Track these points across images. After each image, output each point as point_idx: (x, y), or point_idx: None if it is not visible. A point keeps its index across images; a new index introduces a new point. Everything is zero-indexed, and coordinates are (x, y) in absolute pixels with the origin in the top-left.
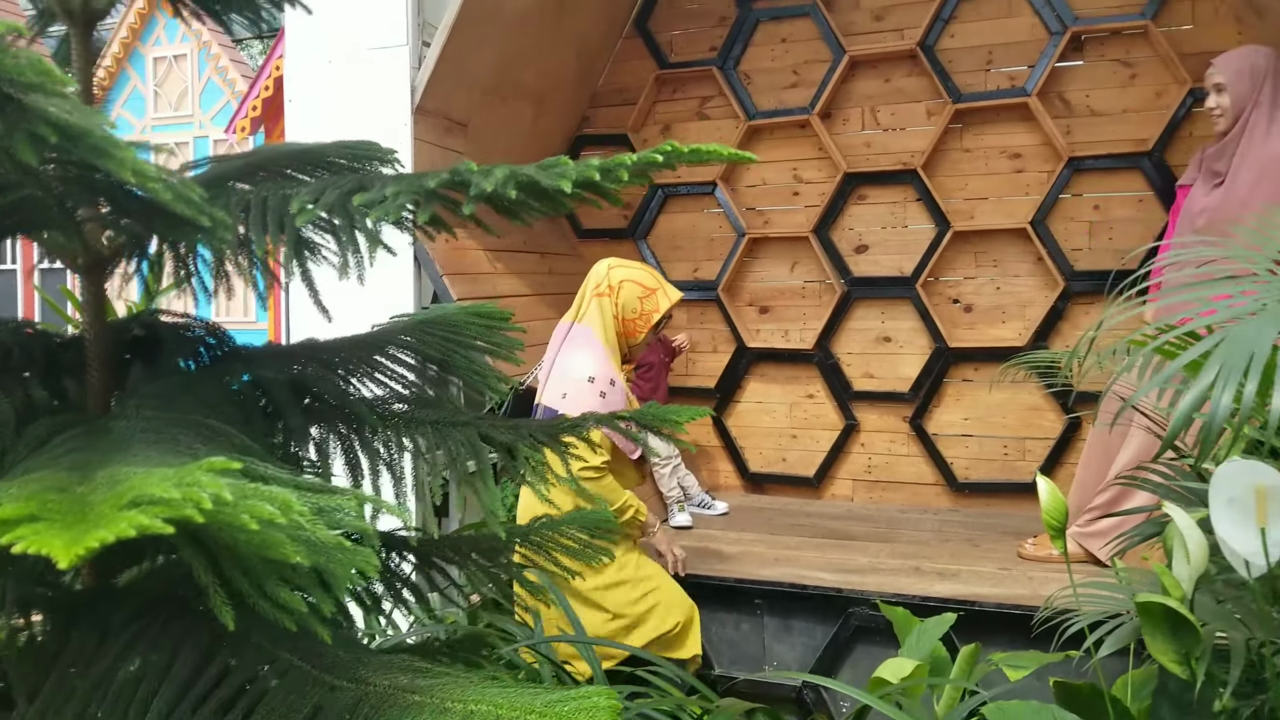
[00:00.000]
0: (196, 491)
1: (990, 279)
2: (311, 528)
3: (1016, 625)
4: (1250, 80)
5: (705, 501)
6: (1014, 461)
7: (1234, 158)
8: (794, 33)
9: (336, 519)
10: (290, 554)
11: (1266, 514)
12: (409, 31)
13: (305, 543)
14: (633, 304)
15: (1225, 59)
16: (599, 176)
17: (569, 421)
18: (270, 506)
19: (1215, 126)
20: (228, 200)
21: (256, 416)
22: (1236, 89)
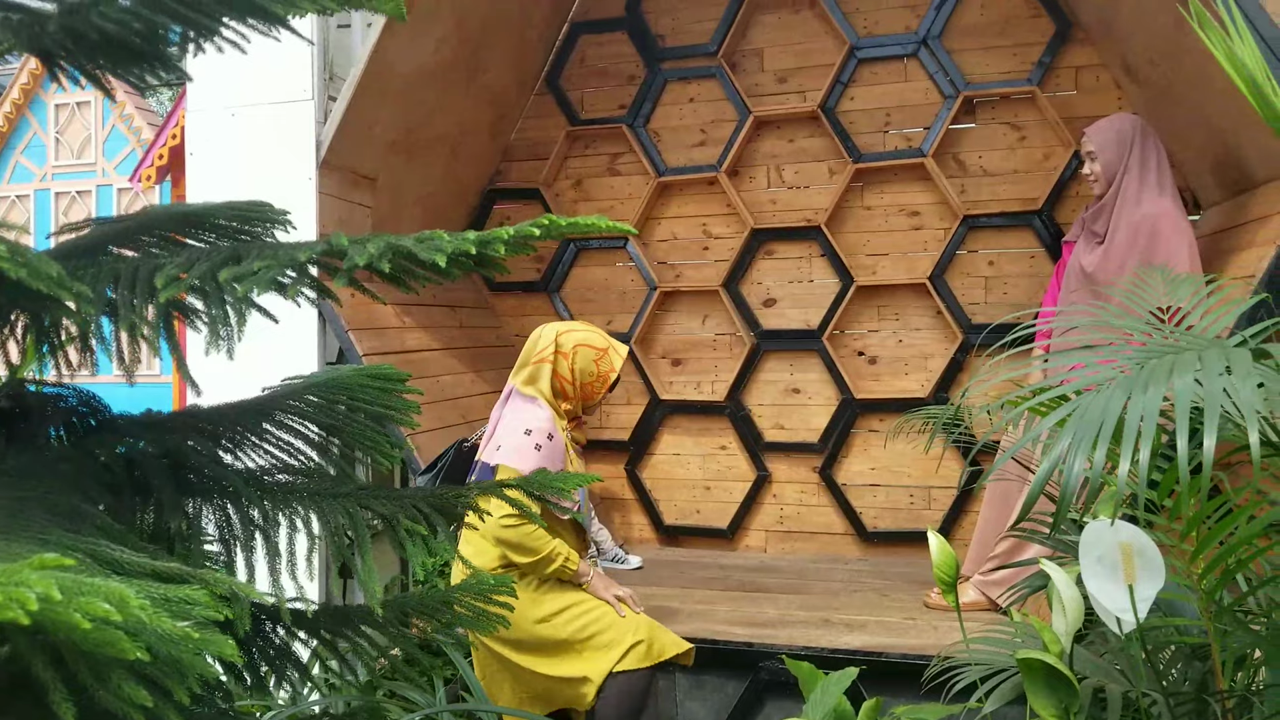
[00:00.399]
0: (23, 592)
1: (893, 332)
2: (153, 621)
3: (921, 676)
4: (1118, 147)
5: (619, 556)
6: (920, 510)
7: (1110, 219)
8: (701, 93)
9: (183, 609)
10: (128, 651)
11: (1134, 572)
12: (314, 86)
13: (150, 635)
14: (589, 367)
15: (1095, 128)
16: (474, 249)
17: (454, 491)
18: (104, 603)
19: (1092, 190)
20: (98, 270)
21: (127, 491)
22: (1107, 156)
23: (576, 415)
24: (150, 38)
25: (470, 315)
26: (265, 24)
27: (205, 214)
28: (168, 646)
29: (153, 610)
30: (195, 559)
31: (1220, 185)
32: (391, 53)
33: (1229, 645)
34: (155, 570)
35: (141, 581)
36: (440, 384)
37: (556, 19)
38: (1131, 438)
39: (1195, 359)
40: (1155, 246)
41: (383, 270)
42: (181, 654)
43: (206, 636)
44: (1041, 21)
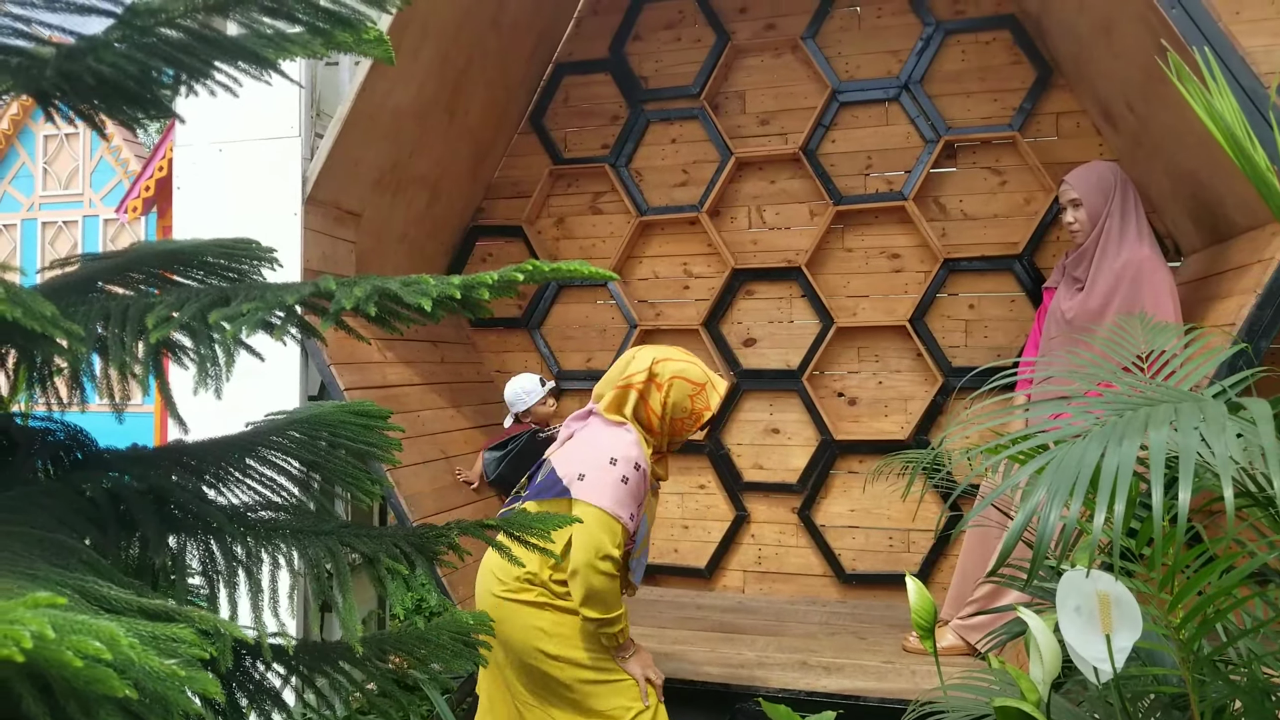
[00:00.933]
0: (18, 630)
1: (873, 373)
2: (141, 659)
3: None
4: (1102, 194)
5: None
6: (899, 553)
7: (1091, 265)
8: (683, 134)
9: (170, 647)
10: (117, 688)
11: (1110, 621)
12: (301, 123)
13: (138, 672)
14: (683, 403)
15: (1077, 176)
16: (459, 294)
17: (436, 530)
18: (96, 641)
19: (1074, 239)
20: (89, 309)
21: (112, 526)
22: (1092, 203)
23: (660, 450)
24: (144, 80)
25: (451, 350)
26: (257, 68)
27: (193, 251)
28: (154, 683)
29: (142, 649)
30: (179, 595)
31: (1200, 232)
32: (379, 91)
33: (1207, 695)
34: (142, 607)
35: (130, 619)
36: (421, 419)
37: (540, 60)
38: (1107, 489)
39: (1171, 411)
40: (1138, 292)
41: (369, 313)
42: (167, 690)
43: (192, 674)
44: (1022, 68)
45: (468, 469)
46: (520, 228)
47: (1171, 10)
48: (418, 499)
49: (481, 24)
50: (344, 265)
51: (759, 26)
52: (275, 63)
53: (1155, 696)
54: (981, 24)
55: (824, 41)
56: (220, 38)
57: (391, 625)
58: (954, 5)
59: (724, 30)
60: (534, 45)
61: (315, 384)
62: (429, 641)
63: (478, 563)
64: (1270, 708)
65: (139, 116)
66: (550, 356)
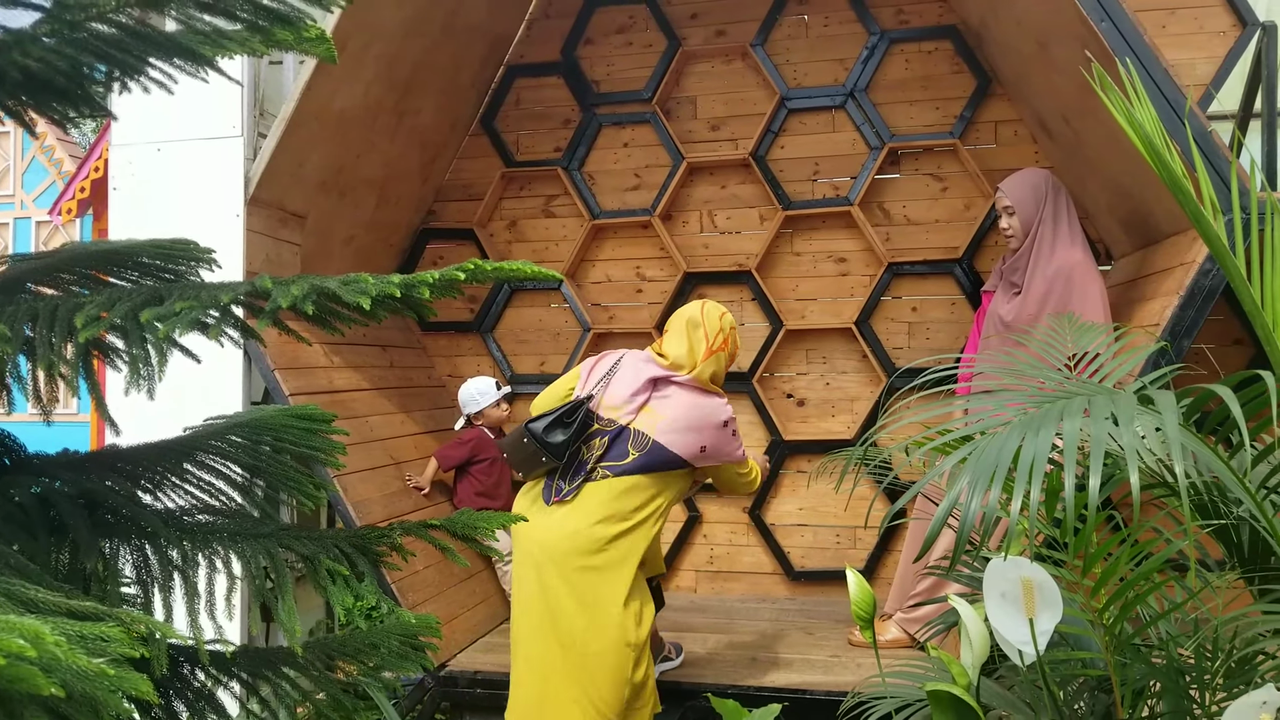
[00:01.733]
0: None
1: (820, 375)
2: (68, 658)
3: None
4: (1034, 201)
5: None
6: (846, 549)
7: (1027, 270)
8: (635, 138)
9: (99, 646)
10: (42, 687)
11: (1034, 605)
12: (244, 122)
13: (65, 671)
14: (734, 348)
15: (1010, 184)
16: (399, 293)
17: (378, 531)
18: (20, 639)
19: (1009, 244)
20: (16, 309)
21: (42, 532)
22: (1024, 210)
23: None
24: (75, 76)
25: (401, 355)
26: (193, 65)
27: (128, 252)
28: (82, 683)
29: (68, 647)
30: (112, 599)
31: (1129, 237)
32: (324, 92)
33: (1129, 677)
34: (71, 609)
35: (57, 619)
36: (369, 424)
37: (491, 63)
38: (1024, 478)
39: (1084, 404)
40: (1069, 295)
41: (307, 312)
42: (96, 691)
43: (121, 674)
44: (963, 77)
45: (418, 474)
46: (472, 230)
47: (1101, 24)
48: (366, 505)
49: (431, 26)
50: (288, 268)
51: (710, 33)
52: (212, 60)
53: (1082, 679)
54: (924, 34)
55: (773, 49)
56: (155, 33)
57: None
58: (898, 15)
59: (675, 36)
60: (486, 48)
61: (259, 390)
62: (377, 647)
63: (428, 568)
64: (1184, 686)
65: (70, 114)
66: (503, 360)
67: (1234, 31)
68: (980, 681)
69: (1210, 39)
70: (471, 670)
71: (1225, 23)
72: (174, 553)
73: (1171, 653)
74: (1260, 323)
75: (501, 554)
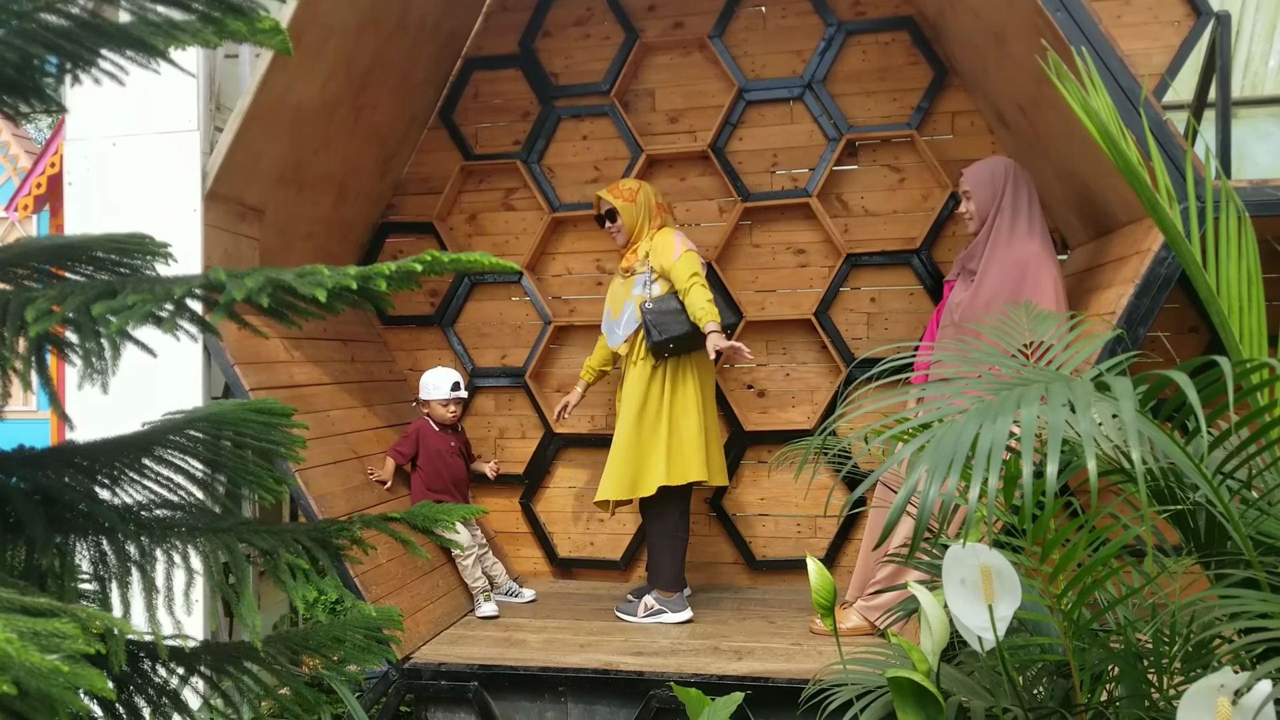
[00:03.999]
0: None
1: (780, 366)
2: (20, 655)
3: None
4: (992, 188)
5: (513, 590)
6: (807, 539)
7: (983, 258)
8: (594, 130)
9: (54, 643)
10: None
11: (993, 591)
12: (200, 116)
13: (18, 669)
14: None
15: (972, 169)
16: (355, 285)
17: (336, 525)
18: None
19: (968, 229)
20: None
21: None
22: (981, 196)
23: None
24: (25, 68)
25: (362, 349)
26: (144, 56)
27: (82, 246)
28: (37, 680)
29: (20, 644)
30: (69, 596)
31: (1085, 227)
32: (280, 86)
33: (1087, 662)
34: (25, 605)
35: (9, 616)
36: (331, 419)
37: (448, 57)
38: (981, 465)
39: (1041, 391)
40: (1023, 285)
41: (262, 304)
42: (51, 688)
43: (76, 670)
44: (920, 68)
45: (379, 468)
46: (431, 224)
47: (1057, 13)
48: (328, 499)
49: (387, 21)
50: (247, 262)
51: (667, 25)
52: (165, 51)
53: (1041, 665)
54: (881, 25)
55: (730, 41)
56: (106, 24)
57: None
58: (855, 6)
59: (633, 28)
60: (443, 42)
61: (219, 385)
62: (341, 641)
63: (391, 561)
64: (1142, 671)
65: (21, 107)
66: (464, 354)
67: (1188, 21)
68: (940, 668)
69: (1165, 28)
70: (435, 662)
71: (1180, 12)
72: (131, 548)
73: (1129, 637)
74: (1215, 309)
75: (462, 546)
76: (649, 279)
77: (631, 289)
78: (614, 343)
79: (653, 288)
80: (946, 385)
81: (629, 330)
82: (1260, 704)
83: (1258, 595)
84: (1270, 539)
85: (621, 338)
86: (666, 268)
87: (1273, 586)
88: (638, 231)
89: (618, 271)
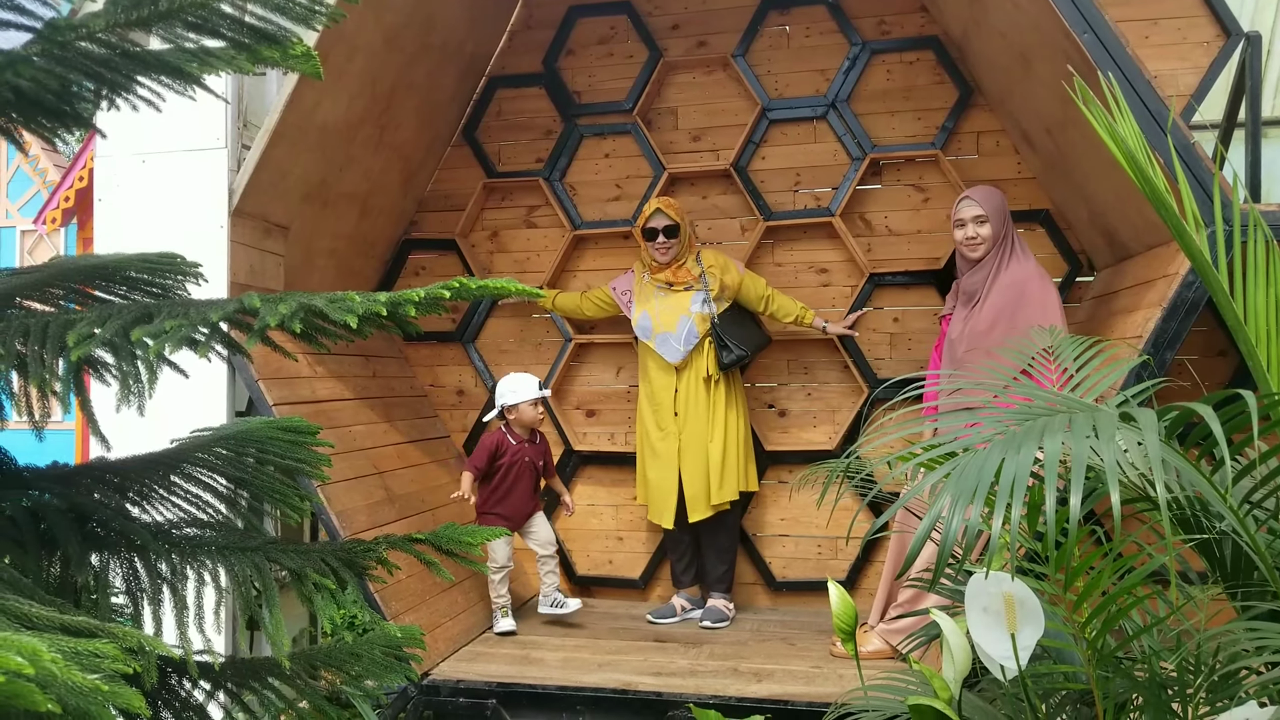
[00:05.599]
0: None
1: (802, 385)
2: (64, 674)
3: None
4: (1002, 215)
5: (558, 601)
6: (828, 560)
7: (989, 281)
8: (617, 149)
9: (94, 662)
10: (40, 703)
11: (1015, 620)
12: (228, 134)
13: (61, 688)
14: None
15: (984, 195)
16: (385, 311)
17: (363, 545)
18: (18, 657)
19: (973, 254)
20: (8, 325)
21: (33, 544)
22: (996, 221)
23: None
24: (64, 95)
25: (384, 365)
26: (180, 83)
27: (116, 266)
28: (77, 699)
29: (64, 664)
30: (103, 612)
31: (1112, 249)
32: (307, 103)
33: (1111, 691)
34: (64, 624)
35: (52, 635)
36: (352, 434)
37: (471, 76)
38: (1005, 495)
39: (1065, 420)
40: (1022, 303)
41: (295, 330)
42: (90, 706)
43: (115, 689)
44: (945, 88)
45: (454, 484)
46: (454, 240)
47: (1084, 35)
48: (349, 515)
49: (411, 41)
50: (272, 278)
51: (691, 44)
52: (199, 78)
53: (1064, 693)
54: (906, 44)
55: (754, 60)
56: (143, 52)
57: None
58: (880, 26)
59: (656, 46)
60: (466, 60)
61: (243, 399)
62: (360, 657)
63: (410, 578)
64: (1166, 701)
65: (58, 130)
66: (485, 370)
67: (1218, 42)
68: (962, 695)
69: (1194, 49)
70: (454, 679)
71: (1209, 33)
72: (163, 566)
73: (1154, 667)
74: (1243, 337)
75: (498, 561)
76: (707, 296)
77: (689, 305)
78: (673, 357)
79: (713, 305)
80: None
81: (689, 345)
82: None
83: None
84: None
85: (682, 353)
86: (733, 284)
87: None
88: (684, 250)
89: (652, 282)
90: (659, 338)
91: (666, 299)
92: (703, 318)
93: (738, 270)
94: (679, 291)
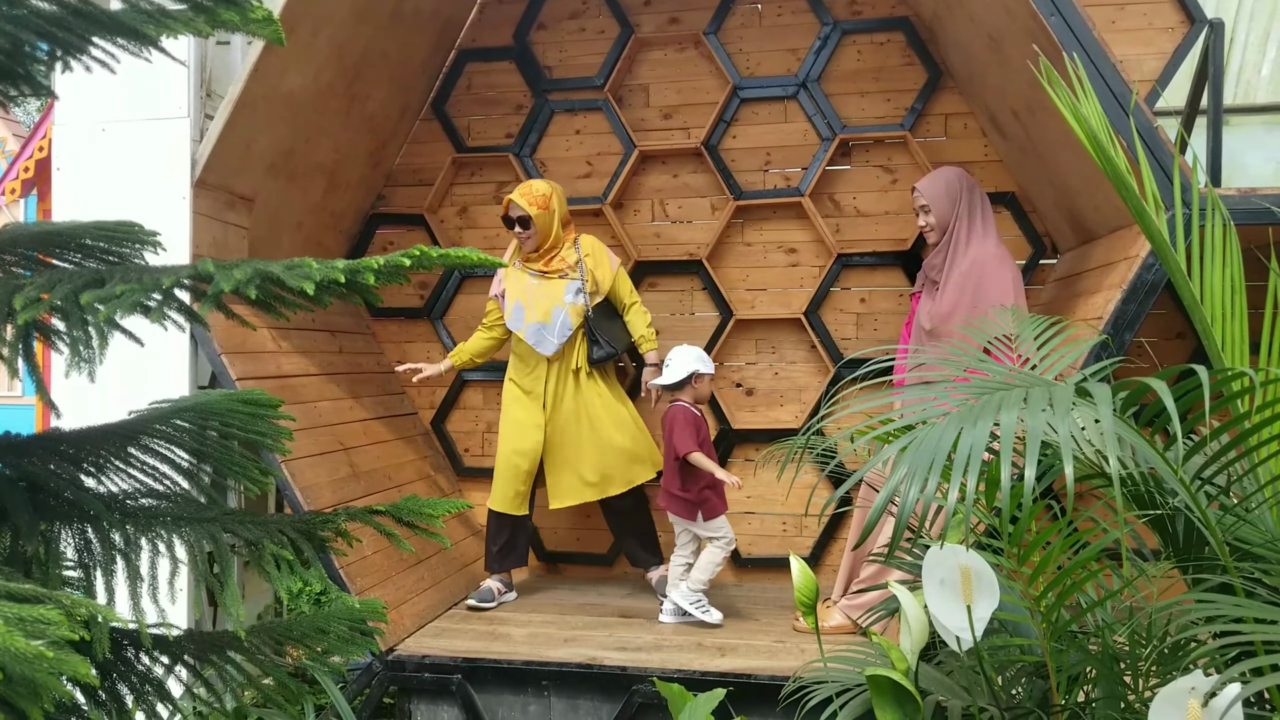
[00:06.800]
0: None
1: (769, 364)
2: (6, 640)
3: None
4: (949, 199)
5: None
6: (792, 537)
7: (944, 267)
8: (587, 125)
9: (39, 629)
10: None
11: (971, 593)
12: (190, 103)
13: (3, 654)
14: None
15: (927, 183)
16: (343, 278)
17: (322, 516)
18: None
19: (929, 240)
20: None
21: None
22: (940, 208)
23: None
24: (15, 54)
25: (350, 340)
26: (136, 44)
27: (71, 233)
28: (21, 666)
29: (5, 629)
30: (53, 583)
31: (1074, 232)
32: (272, 74)
33: (1065, 663)
34: (10, 591)
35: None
36: (318, 410)
37: (443, 47)
38: (960, 468)
39: (1022, 395)
40: (983, 285)
41: (250, 296)
42: (36, 674)
43: (60, 656)
44: (915, 70)
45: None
46: (422, 216)
47: (1051, 18)
48: (314, 490)
49: (381, 11)
50: (235, 251)
51: (663, 20)
52: (156, 39)
53: (1020, 665)
54: (877, 25)
55: (726, 37)
56: (98, 12)
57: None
58: (851, 6)
59: (628, 22)
60: (437, 32)
61: (206, 374)
62: (326, 633)
63: (377, 553)
64: (1118, 673)
65: (11, 93)
66: (453, 347)
67: (1182, 28)
68: (919, 667)
69: (1159, 35)
70: (419, 655)
71: (1174, 19)
72: (116, 536)
73: (1106, 640)
74: (1199, 317)
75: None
76: (582, 286)
77: (563, 295)
78: (546, 350)
79: (587, 296)
80: (930, 388)
81: (563, 337)
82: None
83: (1232, 600)
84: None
85: (556, 345)
86: (604, 280)
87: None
88: (554, 238)
89: (523, 269)
90: (531, 328)
91: (540, 287)
92: (577, 309)
93: (611, 266)
94: (552, 280)
